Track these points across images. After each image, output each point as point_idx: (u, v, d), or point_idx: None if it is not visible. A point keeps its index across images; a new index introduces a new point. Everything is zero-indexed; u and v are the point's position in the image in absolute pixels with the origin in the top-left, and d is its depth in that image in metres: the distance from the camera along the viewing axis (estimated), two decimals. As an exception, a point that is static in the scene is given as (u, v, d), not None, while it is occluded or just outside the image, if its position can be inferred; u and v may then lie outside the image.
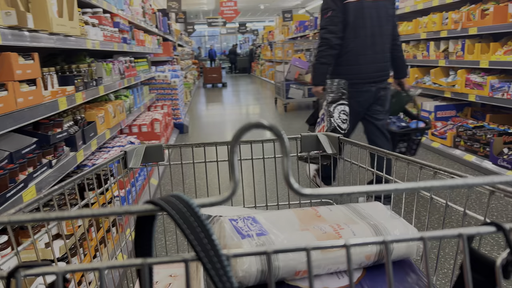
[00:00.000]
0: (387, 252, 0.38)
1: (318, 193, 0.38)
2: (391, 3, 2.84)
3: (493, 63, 3.84)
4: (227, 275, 0.34)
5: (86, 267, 0.35)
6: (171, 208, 0.36)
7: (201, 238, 0.34)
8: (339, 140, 1.17)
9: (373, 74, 2.82)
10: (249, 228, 0.75)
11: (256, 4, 22.36)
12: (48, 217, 0.36)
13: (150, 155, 1.14)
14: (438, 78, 4.84)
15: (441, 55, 4.71)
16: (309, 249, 0.37)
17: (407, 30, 5.48)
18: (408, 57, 5.43)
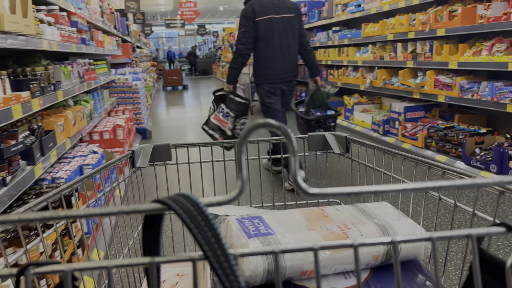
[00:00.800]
0: (395, 253, 0.37)
1: (325, 193, 0.38)
2: (296, 18, 3.58)
3: (462, 64, 3.83)
4: (234, 275, 0.34)
5: (94, 266, 0.35)
6: (179, 207, 0.36)
7: (209, 238, 0.34)
8: (347, 139, 1.16)
9: (283, 75, 3.59)
10: (256, 227, 0.75)
11: (215, 6, 21.94)
12: (57, 215, 0.36)
13: (158, 154, 1.15)
14: (406, 79, 4.81)
15: (409, 56, 4.67)
16: (316, 249, 0.37)
17: (373, 32, 5.37)
18: (375, 58, 5.36)
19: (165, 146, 1.15)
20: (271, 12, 3.45)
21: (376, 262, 0.74)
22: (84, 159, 2.99)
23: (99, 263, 0.35)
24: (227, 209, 0.98)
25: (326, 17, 6.84)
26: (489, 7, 3.59)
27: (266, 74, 3.56)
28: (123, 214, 0.36)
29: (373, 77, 5.54)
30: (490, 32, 3.76)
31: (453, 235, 0.38)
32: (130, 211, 0.36)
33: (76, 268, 0.35)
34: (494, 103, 3.53)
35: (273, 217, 0.80)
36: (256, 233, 0.73)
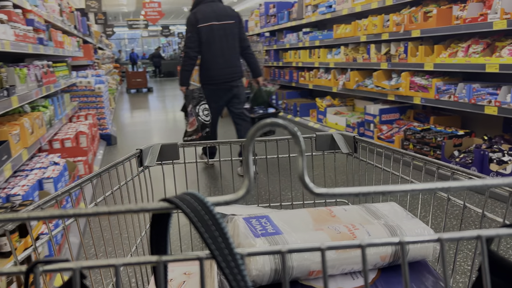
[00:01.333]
0: (403, 253, 0.37)
1: (332, 193, 0.38)
2: (236, 25, 3.94)
3: (438, 65, 3.77)
4: (241, 274, 0.34)
5: (102, 264, 0.35)
6: (186, 206, 0.36)
7: (216, 237, 0.34)
8: (355, 139, 1.16)
9: (225, 76, 3.93)
10: (263, 227, 0.75)
11: (180, 6, 21.39)
12: (66, 213, 0.36)
13: (165, 153, 1.15)
14: (380, 81, 4.69)
15: (383, 57, 4.57)
16: (323, 249, 0.37)
17: (345, 33, 5.25)
18: (347, 60, 5.25)
19: (173, 145, 1.15)
20: (212, 19, 3.84)
21: (384, 262, 0.74)
22: (44, 172, 2.72)
23: (107, 261, 0.35)
24: (234, 209, 0.98)
25: (296, 18, 6.68)
26: (465, 8, 3.53)
27: (209, 76, 3.92)
28: (131, 212, 0.37)
29: (345, 79, 5.41)
30: (465, 33, 3.71)
31: (462, 237, 0.38)
32: (138, 210, 0.36)
33: (85, 266, 0.35)
34: (472, 105, 3.47)
35: (280, 217, 0.79)
36: (263, 232, 0.73)
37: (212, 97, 3.91)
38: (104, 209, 0.37)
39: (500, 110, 3.20)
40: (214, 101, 3.93)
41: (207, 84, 3.92)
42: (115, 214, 0.37)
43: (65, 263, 0.35)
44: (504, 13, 3.05)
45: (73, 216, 0.36)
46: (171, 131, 6.78)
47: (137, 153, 1.07)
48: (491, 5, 3.27)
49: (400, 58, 4.31)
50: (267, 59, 8.24)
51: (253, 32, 8.90)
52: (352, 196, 0.38)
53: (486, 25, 3.20)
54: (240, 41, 4.01)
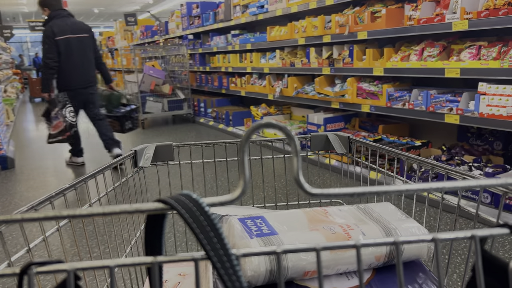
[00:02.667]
0: (398, 253, 0.37)
1: (327, 193, 0.38)
2: (90, 38, 4.47)
3: (389, 70, 3.38)
4: (236, 275, 0.34)
5: (96, 265, 0.35)
6: (181, 207, 0.36)
7: (211, 237, 0.34)
8: (349, 139, 1.16)
9: (82, 83, 4.40)
10: (259, 227, 0.75)
11: (89, 8, 20.06)
12: (60, 215, 0.36)
13: (160, 154, 1.15)
14: (323, 88, 4.24)
15: (325, 62, 4.12)
16: (318, 250, 0.37)
17: (280, 36, 4.74)
18: (284, 65, 4.76)
19: (168, 146, 1.15)
20: (68, 32, 4.28)
21: (378, 262, 0.74)
22: None
23: (101, 262, 0.35)
24: (230, 209, 0.98)
25: (223, 20, 6.07)
26: (417, 7, 3.22)
27: (68, 83, 4.35)
28: (126, 213, 0.36)
29: (283, 86, 4.89)
30: (416, 35, 3.38)
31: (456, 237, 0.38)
32: (133, 211, 0.36)
33: (79, 267, 0.35)
34: (430, 113, 3.11)
35: (276, 217, 0.80)
36: (259, 233, 0.73)
37: (71, 102, 4.41)
38: (99, 210, 0.36)
39: (462, 119, 2.88)
40: (73, 105, 4.44)
41: (67, 91, 4.36)
42: (109, 215, 0.37)
43: (59, 265, 0.35)
44: (465, 12, 2.78)
45: (68, 218, 0.36)
46: (86, 144, 5.41)
47: (131, 154, 1.07)
48: (447, 4, 3.00)
49: (344, 62, 3.87)
50: (191, 63, 7.61)
51: (174, 34, 8.16)
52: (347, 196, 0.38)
53: (444, 26, 2.89)
54: (94, 52, 4.54)
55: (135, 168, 1.08)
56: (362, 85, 3.77)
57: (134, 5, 19.30)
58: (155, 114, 7.12)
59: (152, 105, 7.07)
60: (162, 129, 6.91)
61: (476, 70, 2.76)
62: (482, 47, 2.87)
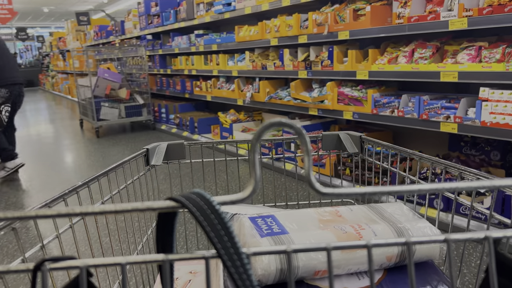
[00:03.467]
0: (410, 254, 0.37)
1: (338, 193, 0.38)
2: None
3: (375, 74, 3.01)
4: (247, 273, 0.34)
5: (109, 262, 0.35)
6: (192, 205, 0.36)
7: (222, 236, 0.35)
8: (361, 139, 1.15)
9: (15, 79, 4.37)
10: (269, 226, 0.75)
11: (38, 7, 18.68)
12: (72, 212, 0.36)
13: (171, 152, 1.15)
14: (299, 93, 3.84)
15: (301, 65, 3.72)
16: (329, 249, 0.37)
17: (250, 36, 4.32)
18: (254, 67, 4.31)
19: (179, 145, 1.15)
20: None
21: (390, 263, 0.73)
22: None
23: (113, 259, 0.36)
24: (240, 208, 0.98)
25: (185, 19, 5.55)
26: (407, 4, 2.93)
27: (4, 79, 4.30)
28: (137, 211, 0.37)
29: (254, 90, 4.45)
30: (403, 35, 3.10)
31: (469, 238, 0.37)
32: (144, 209, 0.37)
33: (91, 264, 0.35)
34: (423, 122, 2.75)
35: (286, 216, 0.79)
36: (269, 232, 0.73)
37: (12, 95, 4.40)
38: (111, 207, 0.37)
39: (461, 128, 2.59)
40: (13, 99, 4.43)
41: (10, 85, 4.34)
42: (121, 213, 0.37)
43: (72, 261, 0.35)
44: (464, 9, 2.51)
45: (80, 215, 0.36)
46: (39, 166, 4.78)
47: (143, 152, 1.08)
48: (441, 1, 2.74)
49: (323, 65, 3.47)
50: (151, 65, 6.99)
51: (132, 34, 7.49)
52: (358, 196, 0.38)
53: (439, 25, 2.59)
54: None
55: (147, 166, 1.09)
56: (344, 90, 3.36)
57: (87, 4, 17.66)
58: (111, 121, 6.34)
59: (108, 111, 6.34)
60: (118, 137, 6.17)
61: (476, 73, 2.46)
62: (483, 48, 2.61)
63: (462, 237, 0.37)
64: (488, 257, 0.38)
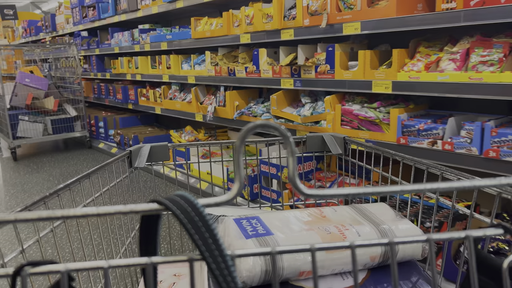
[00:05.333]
0: (392, 254, 0.37)
1: (322, 194, 0.38)
2: None
3: (404, 85, 1.93)
4: (232, 275, 0.34)
5: (90, 266, 0.35)
6: (176, 208, 0.36)
7: (206, 238, 0.34)
8: (345, 140, 1.16)
9: None
10: (254, 228, 0.75)
11: None
12: (54, 215, 0.36)
13: (155, 154, 1.14)
14: (281, 108, 2.67)
15: (285, 70, 2.60)
16: (313, 250, 0.37)
17: (212, 31, 3.10)
18: (218, 73, 3.17)
19: (163, 146, 1.15)
20: None
21: (373, 263, 0.74)
22: None
23: (95, 263, 0.35)
24: (225, 210, 0.98)
25: (126, 11, 4.45)
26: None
27: None
28: (120, 214, 0.36)
29: (217, 103, 3.30)
30: (441, 28, 2.16)
31: (450, 237, 0.38)
32: (127, 211, 0.36)
33: (73, 268, 0.34)
34: (489, 161, 1.67)
35: (271, 218, 0.80)
36: (254, 233, 0.73)
37: None
38: (93, 210, 0.36)
39: None
40: None
41: None
42: (104, 216, 0.36)
43: (53, 266, 0.35)
44: None
45: (62, 218, 0.36)
46: None
47: (126, 154, 1.07)
48: None
49: (319, 71, 2.36)
50: (87, 68, 5.68)
51: (64, 31, 6.11)
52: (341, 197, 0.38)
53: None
54: None
55: (130, 168, 1.08)
56: (352, 108, 2.21)
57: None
58: (33, 138, 4.93)
59: (28, 126, 4.94)
60: (43, 159, 4.82)
61: None
62: None
63: (444, 236, 0.38)
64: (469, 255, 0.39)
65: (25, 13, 10.08)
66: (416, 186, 0.39)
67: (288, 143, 0.37)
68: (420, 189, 0.39)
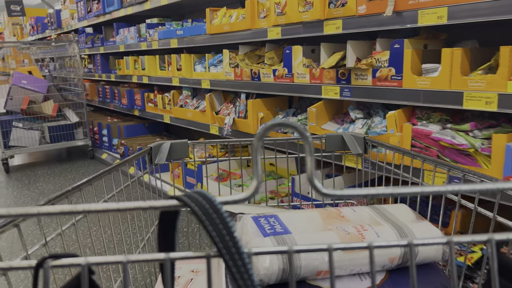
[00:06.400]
0: (412, 255, 0.37)
1: (341, 194, 0.38)
2: None
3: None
4: (248, 273, 0.34)
5: (110, 260, 0.36)
6: (194, 205, 0.36)
7: (223, 235, 0.35)
8: (365, 140, 1.15)
9: None
10: (272, 226, 0.75)
11: None
12: (75, 210, 0.37)
13: (175, 151, 1.16)
14: (321, 124, 2.03)
15: (329, 74, 1.93)
16: (331, 250, 0.37)
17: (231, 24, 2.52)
18: (238, 76, 2.52)
19: (183, 143, 1.16)
20: None
21: (392, 264, 0.73)
22: None
23: (115, 257, 0.36)
24: (243, 208, 0.98)
25: (133, 3, 3.78)
26: None
27: None
28: (140, 209, 0.37)
29: (237, 113, 2.62)
30: None
31: (472, 240, 0.37)
32: (147, 207, 0.37)
33: (93, 262, 0.35)
34: None
35: (289, 217, 0.79)
36: (272, 232, 0.73)
37: None
38: (114, 205, 0.37)
39: None
40: None
41: None
42: (124, 211, 0.37)
43: (74, 259, 0.35)
44: None
45: (83, 213, 0.37)
46: None
47: (147, 150, 1.08)
48: None
49: (379, 76, 1.70)
50: (91, 69, 5.03)
51: (69, 27, 5.46)
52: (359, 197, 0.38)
53: None
54: None
55: (151, 165, 1.10)
56: (428, 129, 1.55)
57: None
58: (28, 148, 4.36)
59: (22, 134, 4.38)
60: (39, 172, 4.26)
61: None
62: None
63: (465, 239, 0.37)
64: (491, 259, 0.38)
65: (33, 10, 9.43)
66: (437, 187, 0.39)
67: (306, 143, 0.37)
68: (441, 190, 0.38)
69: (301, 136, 0.37)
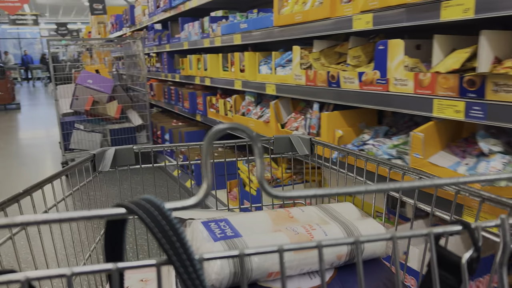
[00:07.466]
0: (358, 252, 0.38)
1: (289, 195, 0.39)
2: None
3: None
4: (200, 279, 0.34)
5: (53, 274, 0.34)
6: (142, 212, 0.35)
7: (173, 242, 0.34)
8: (311, 141, 1.18)
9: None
10: (222, 230, 0.75)
11: None
12: (13, 222, 0.34)
13: (120, 158, 1.12)
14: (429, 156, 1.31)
15: (447, 82, 1.23)
16: (281, 251, 0.37)
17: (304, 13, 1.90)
18: (311, 81, 1.93)
19: (128, 149, 1.12)
20: None
21: (340, 261, 0.75)
22: None
23: (58, 270, 0.34)
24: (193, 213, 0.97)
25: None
26: None
27: None
28: (84, 219, 0.35)
29: (308, 128, 2.02)
30: None
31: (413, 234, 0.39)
32: (92, 216, 0.35)
33: (34, 277, 0.33)
34: None
35: (239, 220, 0.80)
36: (222, 236, 0.73)
37: None
38: (55, 216, 0.35)
39: None
40: None
41: None
42: (67, 221, 0.35)
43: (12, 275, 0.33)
44: None
45: (21, 225, 0.34)
46: None
47: (90, 157, 1.04)
48: None
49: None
50: (159, 68, 4.63)
51: (141, 24, 5.18)
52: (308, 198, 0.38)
53: None
54: None
55: (94, 173, 1.05)
56: None
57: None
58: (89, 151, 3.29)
59: (83, 137, 4.13)
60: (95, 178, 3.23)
61: None
62: None
63: (407, 234, 0.39)
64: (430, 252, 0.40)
65: (115, 8, 9.40)
66: (380, 185, 0.40)
67: (256, 146, 0.37)
68: (384, 188, 0.40)
69: (250, 139, 0.37)
